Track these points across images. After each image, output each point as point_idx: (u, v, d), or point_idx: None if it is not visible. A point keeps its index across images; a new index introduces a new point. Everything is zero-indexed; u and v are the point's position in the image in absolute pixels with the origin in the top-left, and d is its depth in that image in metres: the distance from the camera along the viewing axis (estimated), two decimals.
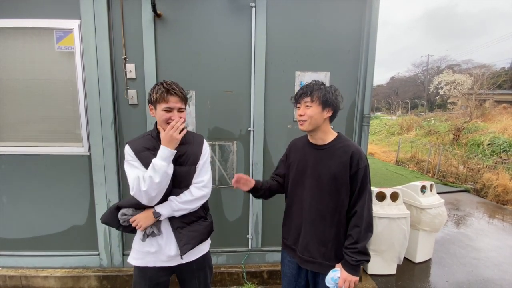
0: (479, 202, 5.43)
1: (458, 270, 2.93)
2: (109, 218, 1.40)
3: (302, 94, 1.32)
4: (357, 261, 1.26)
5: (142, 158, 1.30)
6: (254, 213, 2.47)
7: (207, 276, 1.53)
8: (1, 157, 2.27)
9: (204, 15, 2.20)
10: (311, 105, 1.30)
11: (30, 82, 2.20)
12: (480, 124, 10.10)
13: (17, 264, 2.41)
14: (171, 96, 1.26)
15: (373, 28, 2.24)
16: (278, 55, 2.29)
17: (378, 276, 2.73)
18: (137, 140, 1.36)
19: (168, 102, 1.26)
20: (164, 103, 1.26)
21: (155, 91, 1.28)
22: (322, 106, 1.30)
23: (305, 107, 1.32)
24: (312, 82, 1.34)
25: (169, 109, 1.27)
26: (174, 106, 1.27)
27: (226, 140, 2.38)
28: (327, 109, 1.31)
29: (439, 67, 26.68)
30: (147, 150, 1.31)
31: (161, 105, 1.27)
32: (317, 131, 1.36)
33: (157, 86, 1.29)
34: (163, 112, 1.27)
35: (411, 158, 8.61)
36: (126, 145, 1.33)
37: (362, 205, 1.29)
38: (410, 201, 2.96)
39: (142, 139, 1.36)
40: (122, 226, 1.38)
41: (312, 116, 1.30)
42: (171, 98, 1.26)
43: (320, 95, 1.29)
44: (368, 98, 2.32)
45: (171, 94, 1.26)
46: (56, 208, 2.35)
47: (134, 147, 1.31)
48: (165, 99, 1.26)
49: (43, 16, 2.11)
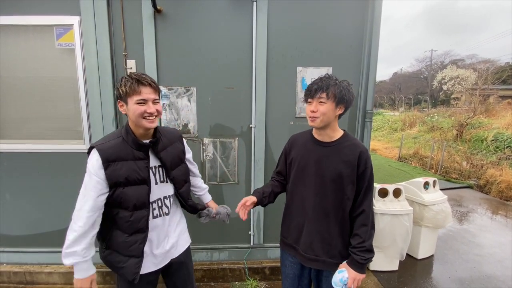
0: (482, 198, 5.40)
1: (461, 267, 2.92)
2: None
3: (318, 89, 1.24)
4: (365, 259, 1.26)
5: (113, 169, 1.14)
6: (256, 209, 2.46)
7: (192, 265, 1.55)
8: (4, 155, 2.28)
9: (205, 10, 2.17)
10: (325, 101, 1.23)
11: (31, 80, 2.20)
12: (484, 120, 10.00)
13: (21, 260, 2.43)
14: (143, 87, 1.14)
15: (376, 22, 2.20)
16: (279, 51, 2.26)
17: (380, 272, 2.73)
18: (107, 145, 1.17)
19: (141, 94, 1.13)
20: (137, 95, 1.13)
21: (123, 83, 1.14)
22: (336, 103, 1.24)
23: (318, 103, 1.25)
24: (326, 76, 1.27)
25: (143, 101, 1.14)
26: (148, 97, 1.15)
27: (227, 137, 2.37)
28: (340, 106, 1.26)
29: (443, 62, 26.42)
30: (119, 161, 1.16)
31: (133, 98, 1.13)
32: (327, 128, 1.31)
33: (124, 79, 1.15)
34: (136, 106, 1.13)
35: (413, 154, 8.56)
36: (93, 150, 1.15)
37: (369, 204, 1.30)
38: (412, 197, 2.94)
39: (114, 144, 1.18)
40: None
41: (325, 113, 1.24)
42: (144, 89, 1.14)
43: (337, 92, 1.23)
44: (371, 93, 2.30)
45: (143, 84, 1.14)
46: (59, 205, 2.36)
47: (104, 155, 1.13)
48: (137, 91, 1.13)
49: (43, 12, 2.10)
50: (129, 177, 1.17)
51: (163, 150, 1.30)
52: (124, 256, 1.22)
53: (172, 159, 1.34)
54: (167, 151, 1.32)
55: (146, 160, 1.24)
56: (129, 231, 1.21)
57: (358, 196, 1.31)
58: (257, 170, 2.40)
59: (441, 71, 17.93)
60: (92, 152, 1.17)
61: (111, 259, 1.26)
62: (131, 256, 1.22)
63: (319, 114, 1.25)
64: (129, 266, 1.22)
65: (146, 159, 1.24)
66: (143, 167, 1.22)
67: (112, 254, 1.25)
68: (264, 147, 2.37)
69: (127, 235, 1.21)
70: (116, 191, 1.17)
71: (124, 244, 1.21)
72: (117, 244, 1.22)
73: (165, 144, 1.32)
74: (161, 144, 1.30)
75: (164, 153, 1.30)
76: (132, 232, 1.21)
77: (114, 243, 1.23)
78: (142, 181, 1.21)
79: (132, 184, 1.19)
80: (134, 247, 1.21)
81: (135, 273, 1.22)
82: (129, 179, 1.17)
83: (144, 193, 1.22)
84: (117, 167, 1.15)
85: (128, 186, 1.18)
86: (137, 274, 1.23)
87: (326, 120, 1.26)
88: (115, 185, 1.16)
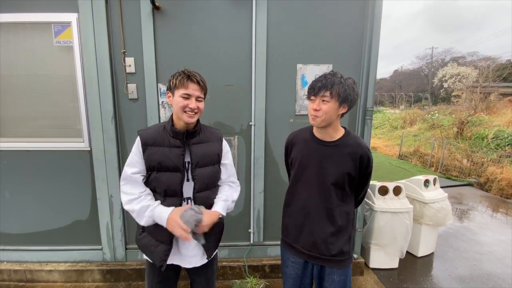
0: (483, 196, 5.40)
1: (461, 264, 2.92)
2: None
3: (322, 87, 1.19)
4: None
5: (149, 153, 1.25)
6: (256, 207, 2.46)
7: (213, 273, 1.54)
8: (3, 153, 2.28)
9: (204, 7, 2.15)
10: (329, 100, 1.20)
11: (30, 77, 2.19)
12: (485, 118, 9.97)
13: (21, 258, 2.43)
14: (191, 83, 1.21)
15: (377, 18, 2.18)
16: (279, 48, 2.25)
17: (380, 270, 2.73)
18: (148, 131, 1.30)
19: (187, 88, 1.21)
20: (183, 89, 1.21)
21: (175, 76, 1.23)
22: (340, 102, 1.21)
23: (321, 101, 1.21)
24: (331, 73, 1.22)
25: (187, 95, 1.21)
26: (192, 93, 1.22)
27: (227, 135, 2.35)
28: (343, 105, 1.23)
29: (443, 59, 26.30)
30: (155, 146, 1.26)
31: (179, 91, 1.21)
32: (328, 127, 1.29)
33: (177, 73, 1.24)
34: (180, 98, 1.21)
35: (414, 152, 8.55)
36: (138, 135, 1.30)
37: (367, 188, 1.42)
38: (413, 195, 2.94)
39: (154, 130, 1.30)
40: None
41: (327, 112, 1.21)
42: (191, 85, 1.21)
43: (341, 91, 1.18)
44: (371, 91, 2.28)
45: (191, 80, 1.21)
46: (59, 203, 2.36)
47: (144, 139, 1.26)
48: (184, 85, 1.21)
49: (41, 10, 2.09)
50: (162, 162, 1.24)
51: (197, 144, 1.31)
52: (156, 240, 1.30)
53: (203, 156, 1.32)
54: (201, 146, 1.32)
55: (181, 149, 1.27)
56: None
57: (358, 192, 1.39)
58: (257, 168, 2.39)
59: (441, 69, 17.84)
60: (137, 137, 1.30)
61: (145, 242, 1.34)
62: (161, 242, 1.29)
63: (321, 113, 1.22)
64: (158, 251, 1.29)
65: (182, 147, 1.27)
66: (178, 154, 1.26)
67: (147, 237, 1.34)
68: (264, 145, 2.36)
69: None
70: (151, 175, 1.27)
71: (157, 228, 1.27)
72: (151, 226, 1.29)
73: (201, 139, 1.33)
74: (197, 138, 1.32)
75: (196, 147, 1.31)
76: None
77: (150, 226, 1.30)
78: (175, 168, 1.26)
79: (165, 170, 1.26)
80: (164, 233, 1.26)
81: (163, 260, 1.29)
82: (162, 164, 1.25)
83: (176, 181, 1.27)
84: (152, 151, 1.25)
85: (162, 172, 1.26)
86: (165, 262, 1.29)
87: (328, 120, 1.24)
88: (150, 169, 1.26)
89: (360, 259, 2.62)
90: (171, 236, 1.27)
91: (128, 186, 1.27)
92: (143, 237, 1.35)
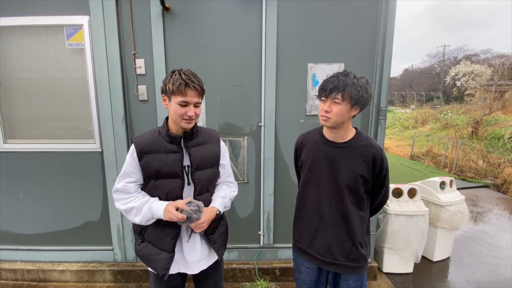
0: (500, 198, 5.21)
1: (479, 269, 2.81)
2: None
3: (333, 89, 1.15)
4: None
5: (145, 161, 1.20)
6: (266, 209, 2.43)
7: (221, 276, 1.51)
8: (17, 154, 2.32)
9: (213, 7, 2.14)
10: (340, 102, 1.15)
11: (43, 80, 2.22)
12: (501, 117, 9.65)
13: (34, 258, 2.47)
14: (189, 90, 1.13)
15: (391, 15, 2.12)
16: (289, 47, 2.21)
17: (394, 275, 2.65)
18: (143, 138, 1.24)
19: (186, 96, 1.13)
20: (181, 97, 1.13)
21: (172, 81, 1.13)
22: (352, 104, 1.16)
23: (332, 103, 1.17)
24: (343, 73, 1.18)
25: (185, 103, 1.14)
26: (191, 100, 1.14)
27: (236, 136, 2.33)
28: (355, 107, 1.18)
29: (456, 57, 25.65)
30: (151, 153, 1.20)
31: (176, 98, 1.14)
32: (339, 128, 1.24)
33: (174, 76, 1.14)
34: (177, 106, 1.14)
35: (426, 153, 8.34)
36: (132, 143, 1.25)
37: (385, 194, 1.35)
38: (428, 197, 2.84)
39: (149, 137, 1.24)
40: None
41: (338, 114, 1.17)
42: (189, 92, 1.13)
43: (353, 93, 1.13)
44: (385, 90, 2.22)
45: (190, 87, 1.12)
46: (71, 204, 2.39)
47: (139, 147, 1.20)
48: (182, 92, 1.12)
49: (53, 13, 2.11)
50: (160, 169, 1.20)
51: (196, 146, 1.27)
52: (158, 248, 1.27)
53: (202, 158, 1.27)
54: (199, 148, 1.28)
55: (179, 154, 1.23)
56: (162, 222, 1.23)
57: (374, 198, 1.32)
58: (266, 169, 2.35)
59: (454, 67, 17.42)
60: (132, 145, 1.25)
61: (145, 251, 1.30)
62: (163, 250, 1.26)
63: (332, 115, 1.18)
64: (160, 260, 1.25)
65: (179, 152, 1.23)
66: (176, 160, 1.22)
67: (147, 246, 1.30)
68: (274, 145, 2.33)
69: (160, 227, 1.25)
70: (149, 183, 1.23)
71: (157, 236, 1.25)
72: (152, 235, 1.27)
73: (200, 142, 1.29)
74: (195, 140, 1.28)
75: (195, 149, 1.26)
76: (165, 225, 1.24)
77: (149, 234, 1.28)
78: (174, 174, 1.22)
79: (164, 177, 1.22)
80: (166, 240, 1.25)
81: (165, 268, 1.25)
82: (160, 171, 1.20)
83: (176, 187, 1.23)
84: (149, 159, 1.20)
85: (160, 179, 1.22)
86: (167, 270, 1.26)
87: (339, 121, 1.20)
88: (148, 177, 1.22)
89: (373, 263, 2.55)
90: (174, 243, 1.25)
91: (122, 194, 1.24)
92: (143, 247, 1.31)
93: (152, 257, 1.27)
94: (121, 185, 1.22)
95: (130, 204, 1.20)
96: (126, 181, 1.22)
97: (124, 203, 1.22)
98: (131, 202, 1.21)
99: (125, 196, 1.22)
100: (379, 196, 1.34)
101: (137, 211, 1.20)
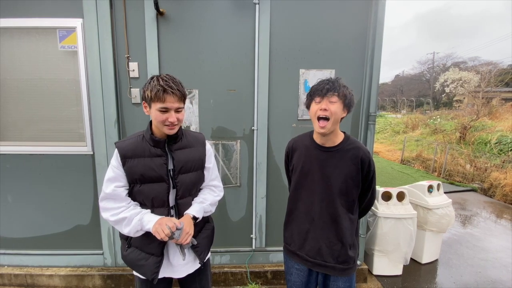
0: (487, 201, 5.34)
1: (466, 271, 2.88)
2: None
3: (330, 89, 1.20)
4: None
5: (129, 166, 1.18)
6: (258, 213, 2.44)
7: (208, 280, 1.50)
8: (6, 157, 2.28)
9: (207, 12, 2.17)
10: (336, 101, 1.21)
11: (34, 82, 2.20)
12: (488, 122, 9.93)
13: (22, 262, 2.42)
14: (168, 96, 1.11)
15: (380, 23, 2.19)
16: (282, 53, 2.25)
17: (384, 277, 2.69)
18: (126, 142, 1.22)
19: (165, 102, 1.11)
20: (160, 103, 1.11)
21: (150, 88, 1.12)
22: (344, 105, 1.23)
23: (328, 102, 1.21)
24: (335, 79, 1.26)
25: (165, 109, 1.13)
26: (171, 106, 1.13)
27: (229, 139, 2.35)
28: (345, 109, 1.25)
29: (445, 64, 26.31)
30: (135, 158, 1.19)
31: (156, 105, 1.12)
32: (331, 133, 1.28)
33: (152, 82, 1.12)
34: (158, 112, 1.13)
35: (416, 157, 8.50)
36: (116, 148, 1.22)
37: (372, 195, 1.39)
38: (416, 201, 2.91)
39: (133, 141, 1.22)
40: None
41: (336, 113, 1.21)
42: (169, 98, 1.11)
43: (346, 93, 1.22)
44: (374, 96, 2.28)
45: (168, 93, 1.10)
46: (61, 207, 2.36)
47: (122, 151, 1.18)
48: (161, 99, 1.10)
49: (46, 15, 2.11)
50: (144, 174, 1.19)
51: (179, 150, 1.26)
52: (146, 253, 1.25)
53: (186, 162, 1.26)
54: (183, 152, 1.27)
55: (164, 157, 1.22)
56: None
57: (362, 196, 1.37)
58: (259, 173, 2.38)
59: (443, 74, 17.86)
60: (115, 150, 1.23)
61: (132, 257, 1.28)
62: (152, 254, 1.25)
63: (330, 114, 1.21)
64: (148, 264, 1.24)
65: (164, 156, 1.22)
66: (160, 164, 1.21)
67: (134, 251, 1.27)
68: (266, 149, 2.36)
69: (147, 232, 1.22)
70: (134, 188, 1.21)
71: (145, 241, 1.23)
72: (138, 240, 1.25)
73: (184, 145, 1.28)
74: (180, 144, 1.27)
75: (179, 153, 1.25)
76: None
77: (136, 239, 1.26)
78: (159, 178, 1.21)
79: (149, 182, 1.21)
80: (153, 245, 1.23)
81: (154, 272, 1.24)
82: (145, 176, 1.19)
83: (162, 191, 1.22)
84: (133, 164, 1.18)
85: (145, 184, 1.21)
86: (157, 274, 1.24)
87: (336, 122, 1.24)
88: (132, 181, 1.20)
89: (363, 265, 2.59)
90: (162, 247, 1.25)
91: (111, 202, 1.19)
92: (130, 252, 1.29)
93: (140, 262, 1.25)
94: (110, 189, 1.18)
95: (121, 215, 1.17)
96: (115, 186, 1.19)
97: (115, 214, 1.18)
98: (122, 213, 1.18)
99: (116, 206, 1.19)
100: (366, 197, 1.38)
101: (128, 221, 1.17)
